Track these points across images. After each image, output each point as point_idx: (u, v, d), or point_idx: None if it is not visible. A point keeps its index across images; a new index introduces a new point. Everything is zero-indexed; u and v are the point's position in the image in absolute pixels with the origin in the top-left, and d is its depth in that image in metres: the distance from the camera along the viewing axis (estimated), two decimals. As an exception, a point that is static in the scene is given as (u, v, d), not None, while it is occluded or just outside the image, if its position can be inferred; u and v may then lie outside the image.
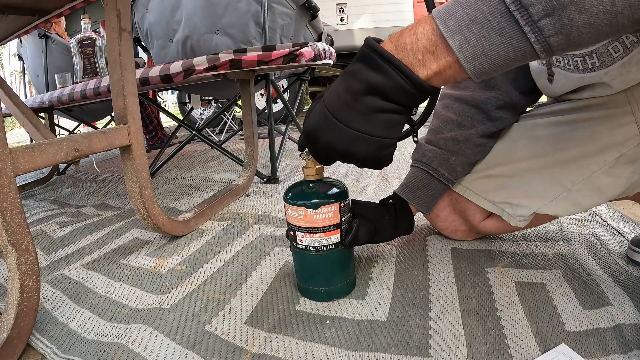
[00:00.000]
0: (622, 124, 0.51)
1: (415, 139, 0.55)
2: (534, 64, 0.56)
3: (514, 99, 0.62)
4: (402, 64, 0.38)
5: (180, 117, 2.81)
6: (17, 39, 1.85)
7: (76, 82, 1.32)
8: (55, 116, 1.78)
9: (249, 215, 0.93)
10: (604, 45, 0.45)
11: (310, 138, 0.44)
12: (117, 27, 0.64)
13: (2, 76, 1.34)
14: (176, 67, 0.99)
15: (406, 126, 0.49)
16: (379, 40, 0.40)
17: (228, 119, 2.77)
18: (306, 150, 0.51)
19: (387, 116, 0.41)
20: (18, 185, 0.46)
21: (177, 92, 3.32)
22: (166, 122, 3.35)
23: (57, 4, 0.96)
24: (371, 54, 0.39)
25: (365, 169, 1.35)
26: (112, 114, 1.43)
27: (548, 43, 0.32)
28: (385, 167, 0.49)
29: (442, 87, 0.55)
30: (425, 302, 0.53)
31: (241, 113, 1.68)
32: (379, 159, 0.43)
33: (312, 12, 1.40)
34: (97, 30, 2.39)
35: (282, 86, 2.63)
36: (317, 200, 0.50)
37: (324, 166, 0.53)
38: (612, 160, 0.53)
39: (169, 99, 6.34)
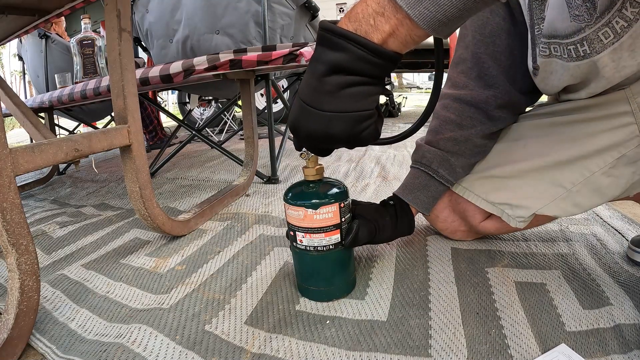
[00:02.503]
0: (623, 125, 0.51)
1: (388, 98, 0.53)
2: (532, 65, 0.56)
3: (513, 98, 0.62)
4: (355, 35, 0.38)
5: (180, 117, 2.81)
6: (17, 39, 1.85)
7: (76, 82, 1.32)
8: (55, 116, 1.78)
9: (249, 215, 0.93)
10: (594, 32, 0.44)
11: (293, 132, 0.45)
12: (117, 27, 0.64)
13: (2, 76, 1.34)
14: (176, 67, 0.99)
15: (406, 126, 0.49)
16: (335, 22, 0.41)
17: (228, 119, 2.77)
18: (305, 150, 0.51)
19: (354, 89, 0.41)
20: (18, 185, 0.46)
21: (177, 92, 3.32)
22: (166, 122, 3.35)
23: (57, 4, 0.96)
24: (326, 34, 0.40)
25: (365, 168, 1.35)
26: (112, 114, 1.43)
27: None
28: (386, 167, 0.49)
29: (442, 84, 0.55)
30: (425, 302, 0.53)
31: (241, 113, 1.68)
32: (360, 134, 0.43)
33: (312, 12, 1.40)
34: (97, 30, 2.39)
35: (282, 86, 2.63)
36: (317, 201, 0.50)
37: (324, 166, 0.53)
38: (612, 161, 0.53)
39: (169, 99, 6.34)
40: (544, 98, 0.67)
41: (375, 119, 0.44)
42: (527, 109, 0.67)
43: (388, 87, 0.48)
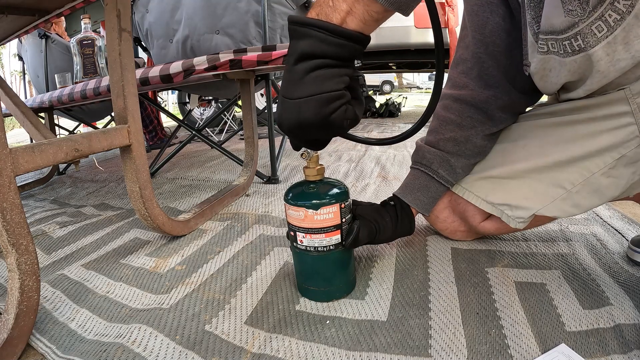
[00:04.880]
0: (622, 125, 0.51)
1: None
2: (532, 63, 0.56)
3: (513, 98, 0.62)
4: (316, 19, 0.40)
5: (180, 117, 2.81)
6: (17, 39, 1.85)
7: (76, 82, 1.32)
8: (55, 116, 1.78)
9: (249, 215, 0.93)
10: (587, 26, 0.44)
11: (279, 127, 0.46)
12: (117, 27, 0.64)
13: (2, 76, 1.34)
14: (176, 67, 0.99)
15: (406, 127, 0.49)
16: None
17: (228, 119, 2.77)
18: (305, 150, 0.52)
19: (318, 72, 0.42)
20: (18, 185, 0.46)
21: (177, 92, 3.32)
22: (166, 122, 3.35)
23: (57, 4, 0.96)
24: (292, 26, 0.42)
25: (365, 168, 1.35)
26: (112, 114, 1.43)
27: None
28: (386, 167, 0.49)
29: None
30: (425, 302, 0.53)
31: (241, 113, 1.68)
32: (329, 116, 0.43)
33: (312, 12, 1.39)
34: (97, 30, 2.39)
35: (282, 86, 2.62)
36: (318, 201, 0.50)
37: (324, 165, 0.53)
38: (612, 161, 0.53)
39: (169, 99, 6.34)
40: (544, 98, 0.67)
41: (346, 100, 0.44)
42: (527, 109, 0.67)
43: (387, 87, 0.48)
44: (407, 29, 2.77)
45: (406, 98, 4.67)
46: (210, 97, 2.67)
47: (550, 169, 0.57)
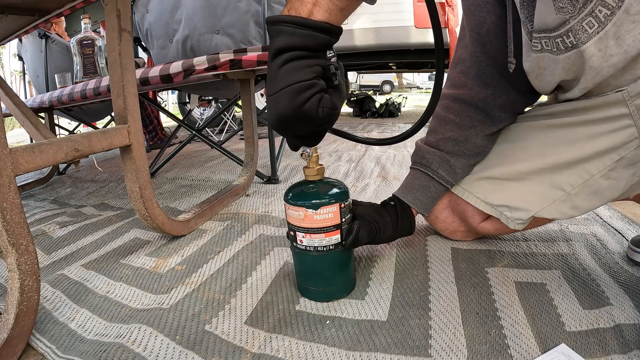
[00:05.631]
0: (622, 127, 0.51)
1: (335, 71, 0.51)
2: (527, 62, 0.56)
3: (512, 97, 0.62)
4: (286, 15, 0.42)
5: (180, 117, 2.81)
6: (17, 39, 1.85)
7: (76, 82, 1.32)
8: (55, 116, 1.78)
9: (249, 215, 0.93)
10: (579, 22, 0.44)
11: (271, 127, 0.49)
12: (117, 27, 0.64)
13: (2, 76, 1.34)
14: (176, 67, 0.99)
15: (406, 127, 0.49)
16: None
17: (228, 119, 2.77)
18: (305, 150, 0.52)
19: (290, 64, 0.43)
20: (18, 185, 0.46)
21: (177, 92, 3.32)
22: (166, 122, 3.35)
23: (57, 4, 0.96)
24: (268, 27, 0.44)
25: (365, 168, 1.35)
26: (112, 114, 1.43)
27: None
28: (386, 167, 0.49)
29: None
30: (425, 302, 0.53)
31: (241, 113, 1.68)
32: (302, 106, 0.43)
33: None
34: (97, 30, 2.39)
35: (282, 86, 2.62)
36: (318, 201, 0.50)
37: (324, 165, 0.53)
38: (611, 163, 0.52)
39: (169, 99, 6.34)
40: (543, 98, 0.67)
41: (318, 89, 0.44)
42: (527, 109, 0.66)
43: (387, 87, 0.49)
44: (407, 29, 2.77)
45: (406, 98, 4.68)
46: (210, 97, 2.67)
47: (550, 170, 0.57)
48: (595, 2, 0.42)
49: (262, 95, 3.06)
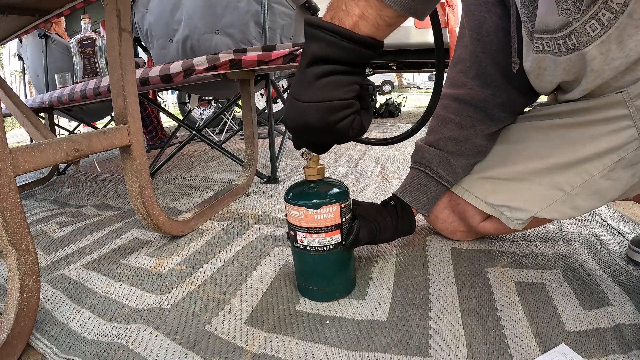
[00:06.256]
0: (622, 128, 0.51)
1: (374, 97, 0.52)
2: (527, 62, 0.56)
3: (511, 97, 0.62)
4: (329, 23, 0.39)
5: (180, 117, 2.81)
6: (17, 39, 1.85)
7: (76, 82, 1.32)
8: (55, 116, 1.78)
9: (249, 215, 0.93)
10: (581, 25, 0.44)
11: (285, 125, 0.46)
12: (117, 27, 0.64)
13: (2, 76, 1.34)
14: (176, 67, 0.99)
15: (406, 126, 0.48)
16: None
17: (228, 119, 2.77)
18: (306, 150, 0.52)
19: (330, 79, 0.41)
20: (18, 185, 0.46)
21: (177, 92, 3.32)
22: (166, 122, 3.35)
23: (57, 4, 0.96)
24: (307, 28, 0.41)
25: (365, 168, 1.35)
26: (112, 114, 1.43)
27: None
28: (386, 167, 0.49)
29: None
30: (425, 302, 0.53)
31: (241, 113, 1.68)
32: (335, 125, 0.43)
33: (312, 12, 1.40)
34: (97, 30, 2.39)
35: (282, 86, 2.63)
36: (318, 201, 0.50)
37: (324, 165, 0.53)
38: (611, 164, 0.53)
39: (169, 99, 6.35)
40: (543, 98, 0.67)
41: (354, 110, 0.44)
42: (527, 109, 0.66)
43: (387, 87, 0.48)
44: (407, 29, 2.77)
45: (406, 98, 4.68)
46: (210, 97, 2.67)
47: (550, 171, 0.57)
48: (599, 5, 0.42)
49: (262, 95, 3.06)
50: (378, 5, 0.37)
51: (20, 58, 2.32)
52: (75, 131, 2.45)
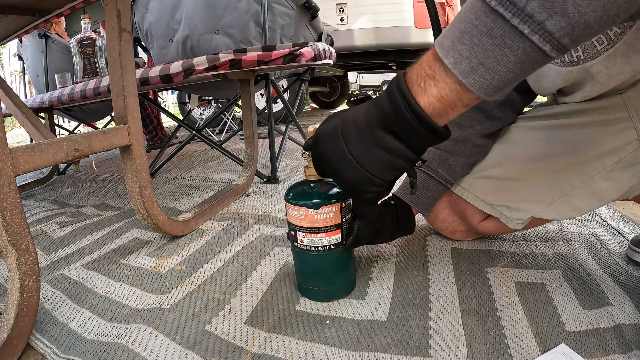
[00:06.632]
0: (621, 129, 0.51)
1: (413, 189, 0.51)
2: None
3: (511, 97, 0.62)
4: (408, 92, 0.36)
5: (180, 117, 2.81)
6: (17, 39, 1.85)
7: (76, 82, 1.32)
8: (55, 116, 1.78)
9: (249, 215, 0.93)
10: None
11: (315, 141, 0.45)
12: (117, 27, 0.64)
13: (2, 76, 1.34)
14: (176, 67, 0.99)
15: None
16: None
17: (228, 119, 2.77)
18: (306, 151, 0.51)
19: (389, 157, 0.40)
20: (18, 185, 0.46)
21: (177, 92, 3.32)
22: (166, 122, 3.35)
23: (57, 4, 0.96)
24: (392, 84, 0.39)
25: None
26: (112, 114, 1.43)
27: (546, 30, 0.28)
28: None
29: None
30: (425, 302, 0.53)
31: (241, 113, 1.68)
32: (361, 193, 0.43)
33: (312, 12, 1.40)
34: (97, 30, 2.38)
35: (282, 86, 2.63)
36: (318, 201, 0.50)
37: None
38: (611, 164, 0.53)
39: (169, 99, 6.34)
40: (543, 98, 0.66)
41: (387, 188, 0.44)
42: (526, 109, 0.66)
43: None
44: (407, 29, 2.77)
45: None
46: (210, 97, 2.67)
47: (550, 171, 0.57)
48: None
49: (262, 95, 3.06)
50: (460, 90, 0.34)
51: (20, 58, 2.32)
52: (75, 131, 2.45)
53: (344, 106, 4.89)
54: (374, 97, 0.43)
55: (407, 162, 0.41)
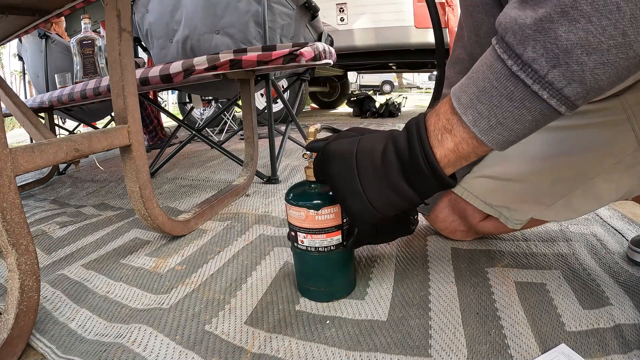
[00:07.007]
0: (620, 131, 0.51)
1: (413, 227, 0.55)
2: None
3: None
4: (428, 144, 0.38)
5: (180, 117, 2.81)
6: (17, 39, 1.85)
7: (76, 82, 1.32)
8: (55, 116, 1.78)
9: (249, 215, 0.93)
10: None
11: (325, 156, 0.45)
12: (117, 27, 0.64)
13: (2, 76, 1.34)
14: (176, 67, 0.99)
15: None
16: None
17: (228, 119, 2.77)
18: (306, 151, 0.51)
19: (396, 198, 0.41)
20: (18, 185, 0.46)
21: (177, 92, 3.32)
22: (166, 122, 3.35)
23: (57, 4, 0.96)
24: (411, 128, 0.40)
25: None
26: (112, 114, 1.43)
27: (563, 95, 0.30)
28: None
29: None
30: (425, 302, 0.53)
31: (241, 113, 1.68)
32: (360, 221, 0.45)
33: (312, 12, 1.40)
34: (97, 30, 2.39)
35: (282, 86, 2.63)
36: (319, 202, 0.50)
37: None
38: (610, 166, 0.53)
39: (169, 99, 6.35)
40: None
41: (381, 221, 0.46)
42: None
43: (387, 87, 0.48)
44: (407, 29, 2.77)
45: (406, 98, 4.67)
46: (210, 97, 2.67)
47: (549, 172, 0.57)
48: None
49: (262, 95, 3.06)
50: (476, 144, 0.36)
51: (20, 58, 2.32)
52: (75, 131, 2.45)
53: (344, 106, 4.89)
54: (373, 97, 0.44)
55: (411, 205, 0.42)
